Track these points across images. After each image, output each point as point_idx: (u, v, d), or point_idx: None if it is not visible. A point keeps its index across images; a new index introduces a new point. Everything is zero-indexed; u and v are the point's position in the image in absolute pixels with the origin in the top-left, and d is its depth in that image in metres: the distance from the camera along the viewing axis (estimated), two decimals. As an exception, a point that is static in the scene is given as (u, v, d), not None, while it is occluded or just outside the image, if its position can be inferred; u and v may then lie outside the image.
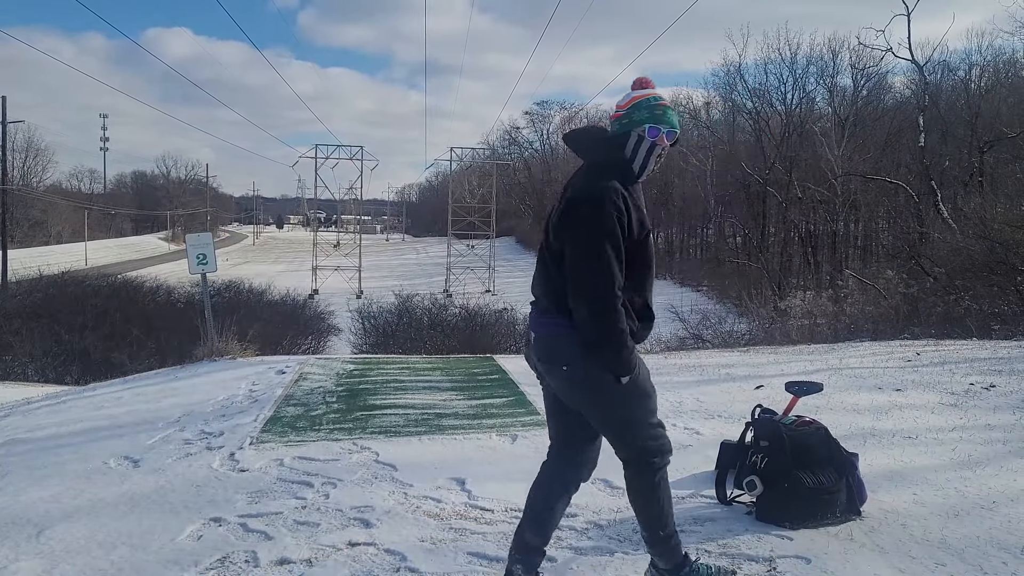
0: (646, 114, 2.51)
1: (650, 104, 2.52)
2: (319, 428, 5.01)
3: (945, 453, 4.25)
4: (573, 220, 2.43)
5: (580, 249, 2.39)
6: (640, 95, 2.55)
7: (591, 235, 2.38)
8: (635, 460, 2.56)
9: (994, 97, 31.51)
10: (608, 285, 2.36)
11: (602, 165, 2.51)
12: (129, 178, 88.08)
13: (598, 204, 2.38)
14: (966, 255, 13.36)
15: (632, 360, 2.42)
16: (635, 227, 2.44)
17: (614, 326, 2.37)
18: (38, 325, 17.28)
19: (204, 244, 8.89)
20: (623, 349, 2.38)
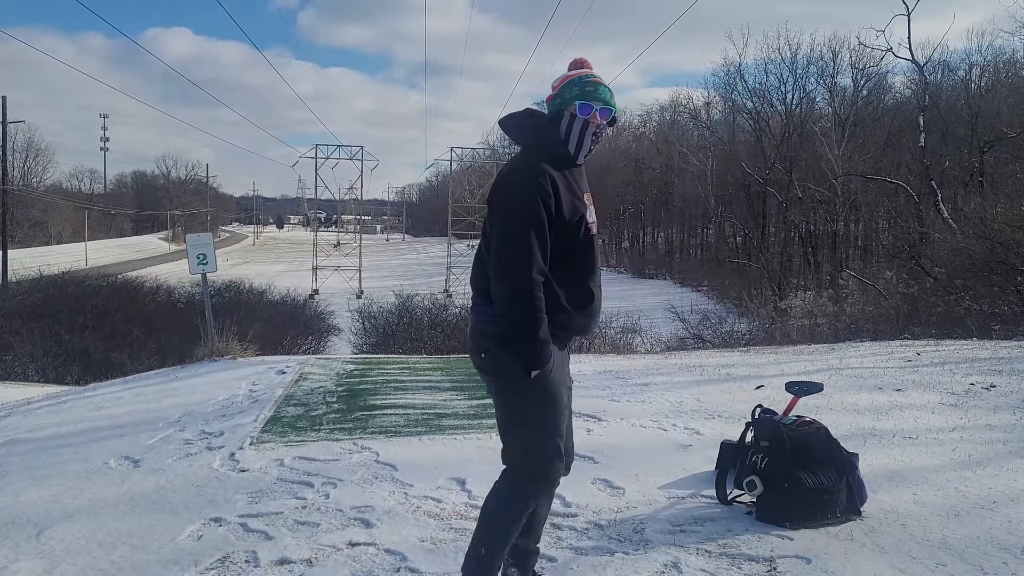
0: (577, 91, 2.40)
1: (581, 81, 2.42)
2: (319, 428, 5.01)
3: (945, 453, 4.25)
4: (497, 202, 2.35)
5: (501, 231, 2.29)
6: (572, 74, 2.45)
7: (513, 218, 2.28)
8: (514, 472, 2.42)
9: (994, 97, 31.51)
10: (525, 269, 2.24)
11: (533, 148, 2.41)
12: (129, 178, 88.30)
13: (521, 186, 2.29)
14: (966, 255, 13.36)
15: (544, 353, 2.28)
16: (566, 211, 2.31)
17: (528, 312, 2.25)
18: (38, 325, 17.28)
19: (204, 244, 8.89)
20: (535, 338, 2.25)
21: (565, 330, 2.40)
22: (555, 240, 2.31)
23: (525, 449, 2.39)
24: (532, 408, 2.36)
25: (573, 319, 2.39)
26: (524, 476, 2.40)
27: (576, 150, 2.41)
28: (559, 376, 2.39)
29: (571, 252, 2.36)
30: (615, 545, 3.08)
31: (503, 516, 2.42)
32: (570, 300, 2.36)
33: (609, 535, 3.18)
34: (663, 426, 4.95)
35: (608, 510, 3.45)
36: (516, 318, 2.26)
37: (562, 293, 2.35)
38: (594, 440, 4.61)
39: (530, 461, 2.39)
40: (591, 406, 5.49)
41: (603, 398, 5.84)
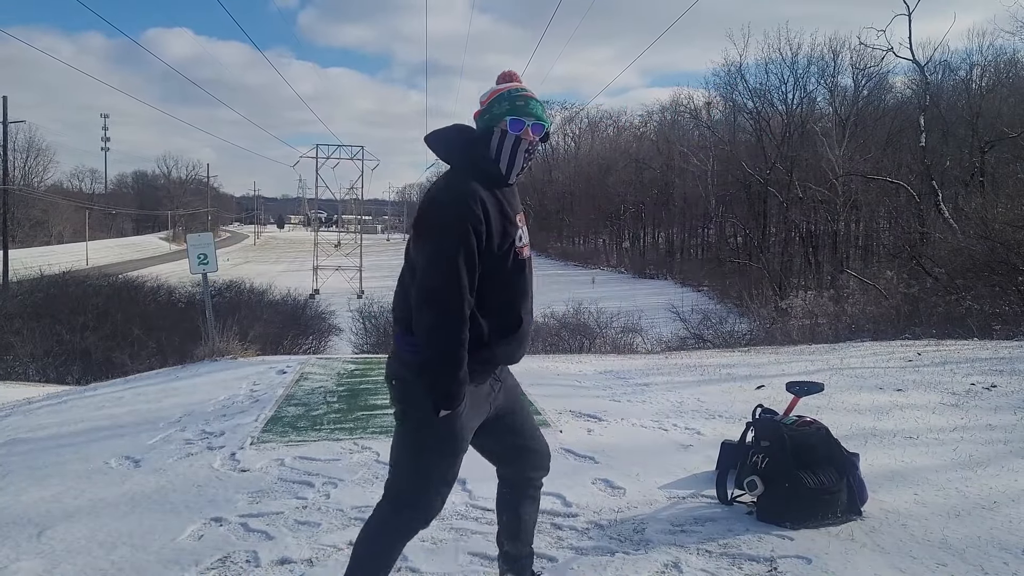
0: (507, 106, 2.25)
1: (511, 96, 2.27)
2: (320, 428, 5.01)
3: (946, 453, 4.25)
4: (423, 225, 2.18)
5: (428, 258, 2.13)
6: (502, 87, 2.30)
7: (440, 243, 2.11)
8: (388, 500, 2.31)
9: (995, 97, 31.48)
10: (451, 299, 2.10)
11: (462, 167, 2.26)
12: (130, 178, 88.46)
13: (450, 209, 2.13)
14: (967, 255, 13.36)
15: (459, 394, 2.13)
16: (496, 236, 2.17)
17: (451, 346, 2.10)
18: (39, 325, 17.28)
19: (205, 244, 8.90)
20: (453, 377, 2.11)
21: (488, 364, 2.27)
22: (483, 268, 2.16)
23: (415, 481, 2.27)
24: (432, 444, 2.24)
25: (496, 352, 2.26)
26: (400, 505, 2.29)
27: (508, 169, 2.26)
28: (467, 419, 2.26)
29: (499, 279, 2.22)
30: (616, 545, 3.08)
31: (372, 548, 2.32)
32: (495, 330, 2.23)
33: (610, 535, 3.18)
34: (664, 426, 4.95)
35: (609, 510, 3.45)
36: (437, 351, 2.11)
37: (486, 324, 2.21)
38: (594, 440, 4.61)
39: (417, 494, 2.28)
40: (591, 406, 5.49)
41: (603, 398, 5.84)
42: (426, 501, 2.29)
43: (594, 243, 65.07)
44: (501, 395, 2.42)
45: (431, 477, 2.28)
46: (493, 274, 2.20)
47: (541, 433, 2.61)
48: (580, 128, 72.49)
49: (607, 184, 58.54)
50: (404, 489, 2.30)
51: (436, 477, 2.29)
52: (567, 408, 5.40)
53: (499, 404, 2.42)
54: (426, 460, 2.27)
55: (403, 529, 2.32)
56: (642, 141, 60.13)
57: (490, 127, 2.27)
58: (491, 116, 2.27)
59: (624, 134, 65.46)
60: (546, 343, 13.72)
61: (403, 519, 2.30)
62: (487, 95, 2.30)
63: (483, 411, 2.35)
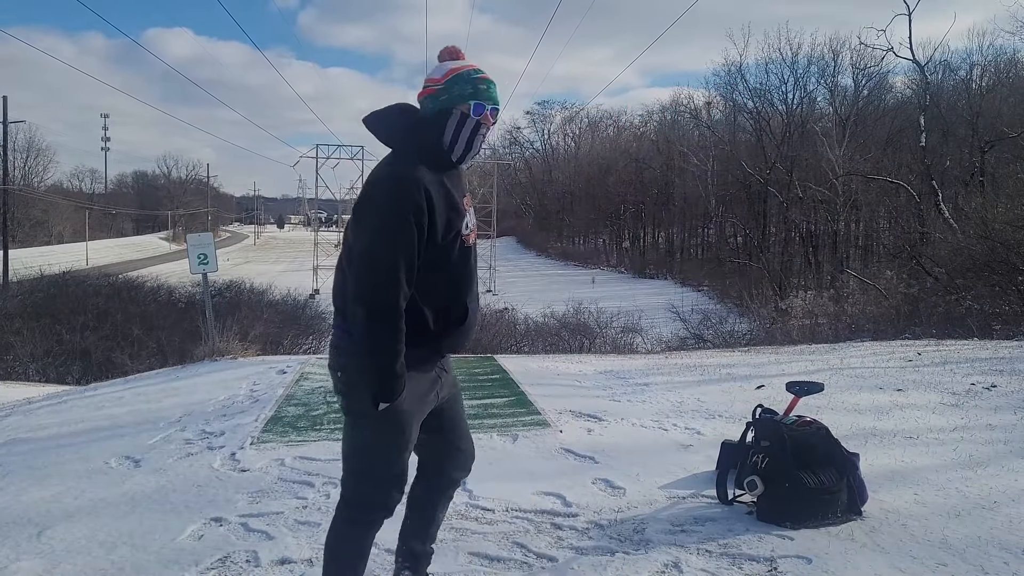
0: (469, 89, 2.16)
1: (472, 78, 2.17)
2: (320, 428, 5.01)
3: (946, 453, 4.25)
4: (362, 214, 2.10)
5: (365, 249, 2.06)
6: (459, 67, 2.19)
7: (379, 234, 2.04)
8: (344, 498, 2.30)
9: (995, 97, 31.48)
10: (387, 294, 2.03)
11: (406, 151, 2.16)
12: (130, 178, 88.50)
13: (391, 198, 2.04)
14: (967, 255, 13.36)
15: (397, 387, 2.08)
16: (440, 226, 2.09)
17: (385, 342, 2.04)
18: (39, 325, 17.28)
19: (205, 244, 8.89)
20: (389, 371, 2.06)
21: (434, 353, 2.24)
22: (426, 257, 2.09)
23: (361, 476, 2.25)
24: (376, 437, 2.19)
25: (442, 343, 2.22)
26: (355, 502, 2.27)
27: (464, 153, 2.19)
28: (412, 407, 2.20)
29: (443, 268, 2.15)
30: (616, 545, 3.08)
31: (339, 547, 2.30)
32: (439, 320, 2.18)
33: (610, 535, 3.18)
34: (664, 426, 4.95)
35: (609, 510, 3.45)
36: (372, 347, 2.05)
37: (430, 314, 2.16)
38: (594, 440, 4.61)
39: (364, 488, 2.25)
40: (591, 406, 5.49)
41: (603, 398, 5.84)
42: (379, 495, 2.26)
43: (594, 243, 65.04)
44: (446, 387, 2.38)
45: (378, 470, 2.24)
46: (437, 263, 2.13)
47: (470, 434, 2.57)
48: (580, 128, 72.58)
49: (607, 184, 58.52)
50: (355, 484, 2.27)
51: (383, 470, 2.24)
52: (567, 408, 5.40)
53: (443, 396, 2.37)
54: (372, 453, 2.23)
55: (363, 524, 2.29)
56: (642, 141, 60.13)
57: (447, 108, 2.16)
58: (449, 97, 2.16)
59: (624, 134, 65.48)
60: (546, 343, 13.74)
61: (360, 514, 2.28)
62: (443, 73, 2.19)
63: (429, 401, 2.31)
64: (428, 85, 2.20)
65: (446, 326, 2.21)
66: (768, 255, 35.77)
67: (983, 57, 35.73)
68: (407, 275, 2.06)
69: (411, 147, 2.16)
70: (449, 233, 2.13)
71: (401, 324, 2.07)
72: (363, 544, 2.32)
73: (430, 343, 2.20)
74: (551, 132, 75.47)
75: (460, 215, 2.18)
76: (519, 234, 71.85)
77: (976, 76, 34.96)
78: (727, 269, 39.25)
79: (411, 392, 2.17)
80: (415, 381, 2.19)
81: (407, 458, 2.29)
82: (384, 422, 2.16)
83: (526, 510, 3.45)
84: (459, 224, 2.17)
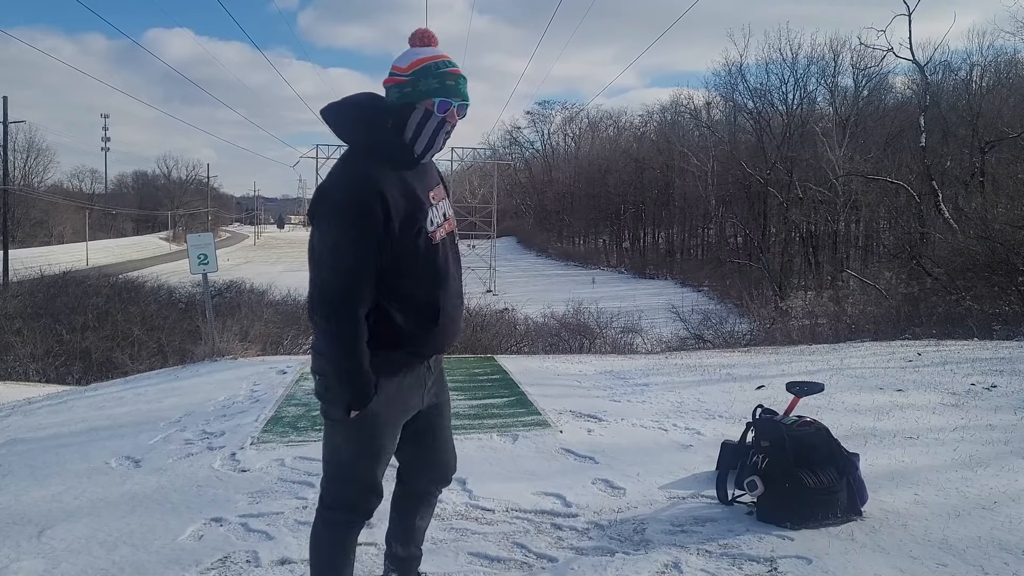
0: (436, 84, 2.05)
1: (439, 72, 2.05)
2: (320, 428, 5.00)
3: (946, 453, 4.25)
4: (317, 216, 2.02)
5: (322, 254, 1.99)
6: (427, 57, 2.06)
7: (334, 238, 1.97)
8: (321, 499, 2.28)
9: (995, 97, 31.48)
10: (345, 302, 1.97)
11: (364, 148, 2.07)
12: (130, 178, 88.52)
13: (346, 200, 1.97)
14: (967, 255, 13.35)
15: (365, 393, 2.04)
16: (398, 222, 2.00)
17: (346, 351, 2.00)
18: (39, 325, 17.30)
19: (205, 244, 8.89)
20: (355, 378, 2.02)
21: (412, 355, 2.16)
22: (389, 257, 2.02)
23: (336, 479, 2.23)
24: (349, 442, 2.16)
25: (418, 343, 2.14)
26: (331, 504, 2.25)
27: (425, 150, 2.11)
28: (387, 413, 2.15)
29: (408, 267, 2.06)
30: (616, 545, 3.08)
31: (318, 548, 2.29)
32: (409, 321, 2.10)
33: (610, 535, 3.18)
34: (664, 426, 4.95)
35: (609, 510, 3.45)
36: (336, 348, 2.02)
37: (399, 315, 2.08)
38: (594, 440, 4.61)
39: (340, 491, 2.23)
40: (591, 406, 5.49)
41: (603, 398, 5.84)
42: (353, 499, 2.23)
43: (594, 243, 65.06)
44: (431, 393, 2.31)
45: (352, 474, 2.21)
46: (401, 262, 2.05)
47: (453, 445, 2.50)
48: (580, 128, 72.65)
49: (607, 184, 58.54)
50: (331, 486, 2.25)
51: (356, 474, 2.20)
52: (567, 408, 5.40)
53: (428, 401, 2.30)
54: (346, 457, 2.20)
55: (340, 524, 2.26)
56: (642, 141, 60.17)
57: (410, 102, 2.06)
58: (414, 91, 2.05)
59: (624, 134, 65.53)
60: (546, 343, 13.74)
61: (338, 517, 2.25)
62: (409, 63, 2.06)
63: (411, 407, 2.25)
64: (394, 74, 2.08)
65: (419, 327, 2.12)
66: (768, 255, 35.79)
67: (983, 57, 35.80)
68: (365, 278, 1.99)
69: (366, 143, 2.08)
70: (412, 228, 2.04)
71: (361, 329, 2.01)
72: (343, 545, 2.27)
73: (405, 346, 2.12)
74: (551, 132, 75.60)
75: (423, 211, 2.08)
76: (519, 234, 71.88)
77: (976, 76, 35.02)
78: (727, 269, 39.28)
79: (387, 398, 2.12)
80: (391, 386, 2.13)
81: (384, 463, 2.24)
82: (356, 428, 2.12)
83: (526, 510, 3.45)
84: (422, 221, 2.07)
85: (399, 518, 2.51)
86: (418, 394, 2.26)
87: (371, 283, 2.01)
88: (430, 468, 2.45)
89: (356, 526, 2.28)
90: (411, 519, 2.50)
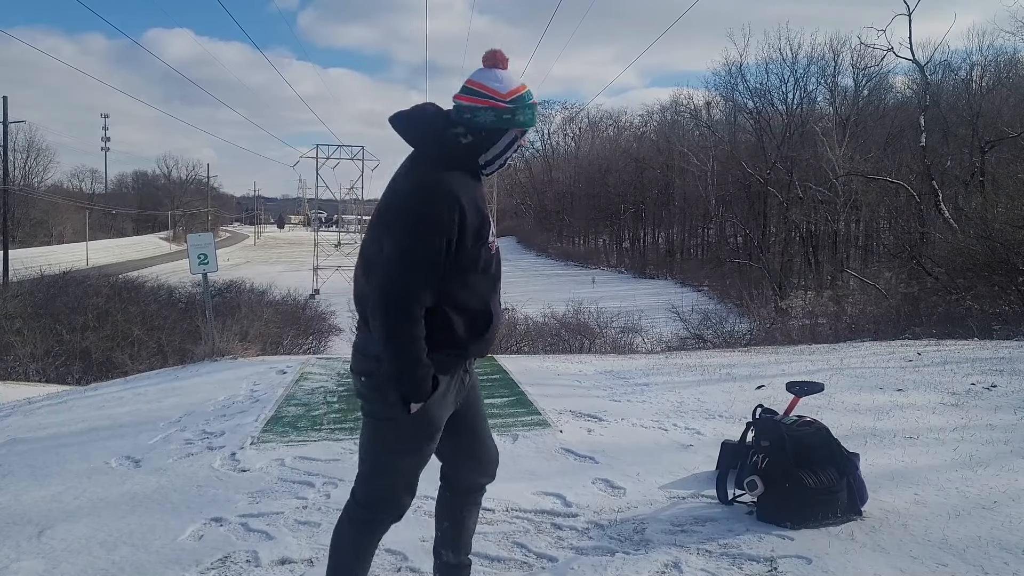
0: (530, 115, 2.18)
1: (531, 103, 2.18)
2: (320, 428, 5.01)
3: (946, 453, 4.25)
4: (391, 220, 2.08)
5: (392, 257, 2.04)
6: (521, 87, 2.17)
7: (408, 244, 2.02)
8: (355, 497, 2.29)
9: (995, 97, 31.46)
10: (408, 305, 2.02)
11: (436, 157, 2.14)
12: (130, 178, 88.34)
13: (425, 206, 2.03)
14: (967, 255, 13.34)
15: (425, 387, 2.09)
16: (470, 236, 2.08)
17: (406, 350, 2.04)
18: (39, 325, 17.28)
19: (205, 244, 8.89)
20: (414, 374, 2.07)
21: (459, 358, 2.23)
22: (455, 264, 2.09)
23: (374, 477, 2.25)
24: (399, 440, 2.20)
25: (469, 348, 2.21)
26: (365, 502, 2.27)
27: (495, 168, 2.22)
28: (438, 410, 2.21)
29: (472, 275, 2.15)
30: (616, 545, 3.08)
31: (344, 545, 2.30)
32: (467, 327, 2.18)
33: (610, 535, 3.18)
34: (664, 426, 4.95)
35: (609, 510, 3.45)
36: (394, 355, 2.06)
37: (458, 320, 2.15)
38: (594, 440, 4.61)
39: (377, 490, 2.25)
40: (591, 406, 5.49)
41: (604, 398, 5.84)
42: (390, 497, 2.26)
43: (594, 243, 65.05)
44: (467, 389, 2.37)
45: (393, 473, 2.24)
46: (466, 270, 2.12)
47: (493, 439, 2.55)
48: (580, 128, 72.60)
49: (607, 184, 58.51)
50: (368, 485, 2.26)
51: (398, 474, 2.24)
52: (567, 408, 5.40)
53: (463, 398, 2.36)
54: (392, 456, 2.23)
55: (374, 525, 2.29)
56: (642, 141, 60.12)
57: (504, 128, 2.15)
58: (512, 119, 2.14)
59: (624, 134, 65.48)
60: (546, 343, 13.72)
61: (369, 516, 2.27)
62: (507, 91, 2.14)
63: (452, 404, 2.30)
64: (487, 96, 2.13)
65: (474, 332, 2.20)
66: (768, 255, 35.77)
67: (983, 57, 35.78)
68: (431, 282, 2.05)
69: (440, 153, 2.14)
70: (478, 241, 2.12)
71: (421, 328, 2.06)
72: (367, 544, 2.31)
73: (457, 348, 2.19)
74: (551, 132, 75.51)
75: (487, 223, 2.16)
76: (519, 234, 71.82)
77: (976, 76, 34.98)
78: (727, 269, 39.25)
79: (440, 396, 2.19)
80: (442, 386, 2.19)
81: (423, 463, 2.29)
82: (408, 426, 2.17)
83: (526, 510, 3.45)
84: (486, 232, 2.16)
85: (449, 524, 2.52)
86: (458, 394, 2.33)
87: (434, 287, 2.07)
88: (473, 461, 2.48)
89: (385, 526, 2.31)
90: (460, 521, 2.51)
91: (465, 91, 2.16)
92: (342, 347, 20.20)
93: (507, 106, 2.13)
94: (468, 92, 2.16)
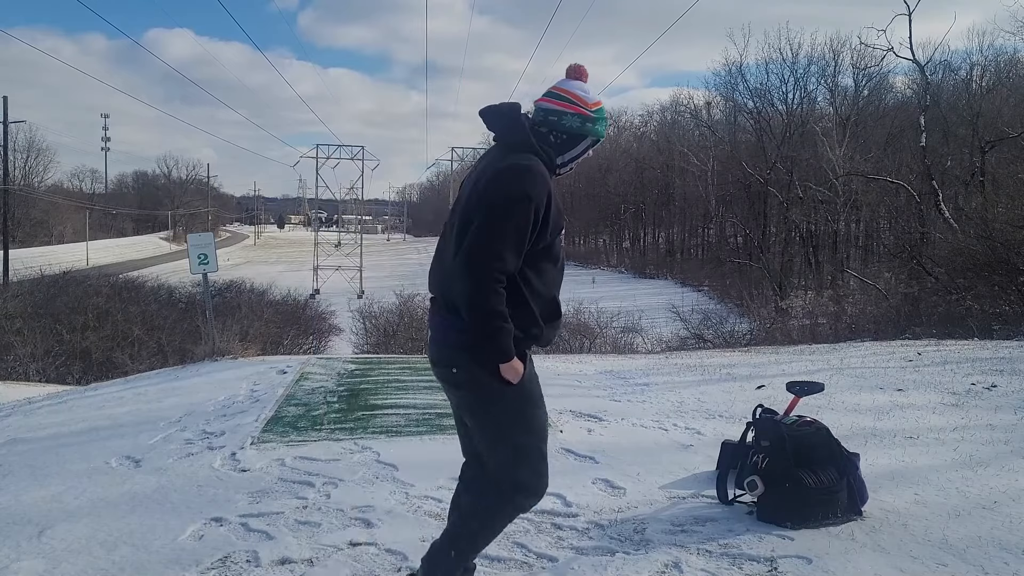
0: (604, 127, 2.40)
1: (606, 120, 2.42)
2: (320, 428, 5.01)
3: (947, 453, 4.25)
4: (489, 196, 2.19)
5: (486, 215, 2.15)
6: (600, 103, 2.40)
7: (501, 213, 2.14)
8: (498, 484, 2.33)
9: (995, 97, 31.45)
10: (493, 262, 2.12)
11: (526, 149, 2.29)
12: (130, 178, 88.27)
13: (520, 185, 2.17)
14: (968, 255, 13.34)
15: (509, 346, 2.18)
16: (551, 223, 2.23)
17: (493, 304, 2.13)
18: (39, 325, 17.28)
19: (206, 244, 8.89)
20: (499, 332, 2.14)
21: (535, 340, 2.32)
22: (537, 252, 2.22)
23: (515, 458, 2.30)
24: (516, 414, 2.28)
25: (543, 333, 2.31)
26: (512, 485, 2.31)
27: (566, 171, 2.42)
28: (530, 384, 2.31)
29: (548, 264, 2.28)
30: (616, 545, 3.08)
31: (478, 527, 2.38)
32: (542, 314, 2.29)
33: (610, 535, 3.18)
34: (664, 426, 4.95)
35: (609, 510, 3.45)
36: (478, 307, 2.14)
37: (535, 305, 2.26)
38: (595, 440, 4.61)
39: (521, 469, 2.30)
40: (591, 406, 5.49)
41: (604, 398, 5.84)
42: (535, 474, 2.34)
43: (594, 243, 65.05)
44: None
45: (528, 446, 2.31)
46: (543, 258, 2.25)
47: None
48: (580, 128, 72.41)
49: (607, 184, 58.50)
50: (516, 472, 2.31)
51: (536, 442, 2.33)
52: (567, 408, 5.40)
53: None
54: (520, 430, 2.30)
55: (519, 509, 2.39)
56: (642, 141, 60.12)
57: (584, 135, 2.36)
58: (594, 127, 2.36)
59: (624, 134, 65.40)
60: (546, 343, 13.72)
61: (518, 500, 2.35)
62: (593, 101, 2.37)
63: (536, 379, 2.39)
64: (575, 103, 2.34)
65: (547, 320, 2.31)
66: (768, 255, 35.76)
67: (983, 57, 35.77)
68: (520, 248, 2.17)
69: (528, 146, 2.29)
70: (557, 231, 2.27)
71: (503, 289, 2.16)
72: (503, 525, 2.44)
73: (534, 329, 2.28)
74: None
75: (563, 218, 2.32)
76: (519, 234, 71.76)
77: (976, 76, 34.97)
78: (727, 269, 39.26)
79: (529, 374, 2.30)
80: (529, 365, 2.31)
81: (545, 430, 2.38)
82: (512, 398, 2.25)
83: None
84: (562, 223, 2.32)
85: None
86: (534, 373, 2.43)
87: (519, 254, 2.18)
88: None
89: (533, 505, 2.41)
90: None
91: (552, 95, 2.37)
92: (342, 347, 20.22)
93: (591, 115, 2.36)
94: (555, 97, 2.36)
